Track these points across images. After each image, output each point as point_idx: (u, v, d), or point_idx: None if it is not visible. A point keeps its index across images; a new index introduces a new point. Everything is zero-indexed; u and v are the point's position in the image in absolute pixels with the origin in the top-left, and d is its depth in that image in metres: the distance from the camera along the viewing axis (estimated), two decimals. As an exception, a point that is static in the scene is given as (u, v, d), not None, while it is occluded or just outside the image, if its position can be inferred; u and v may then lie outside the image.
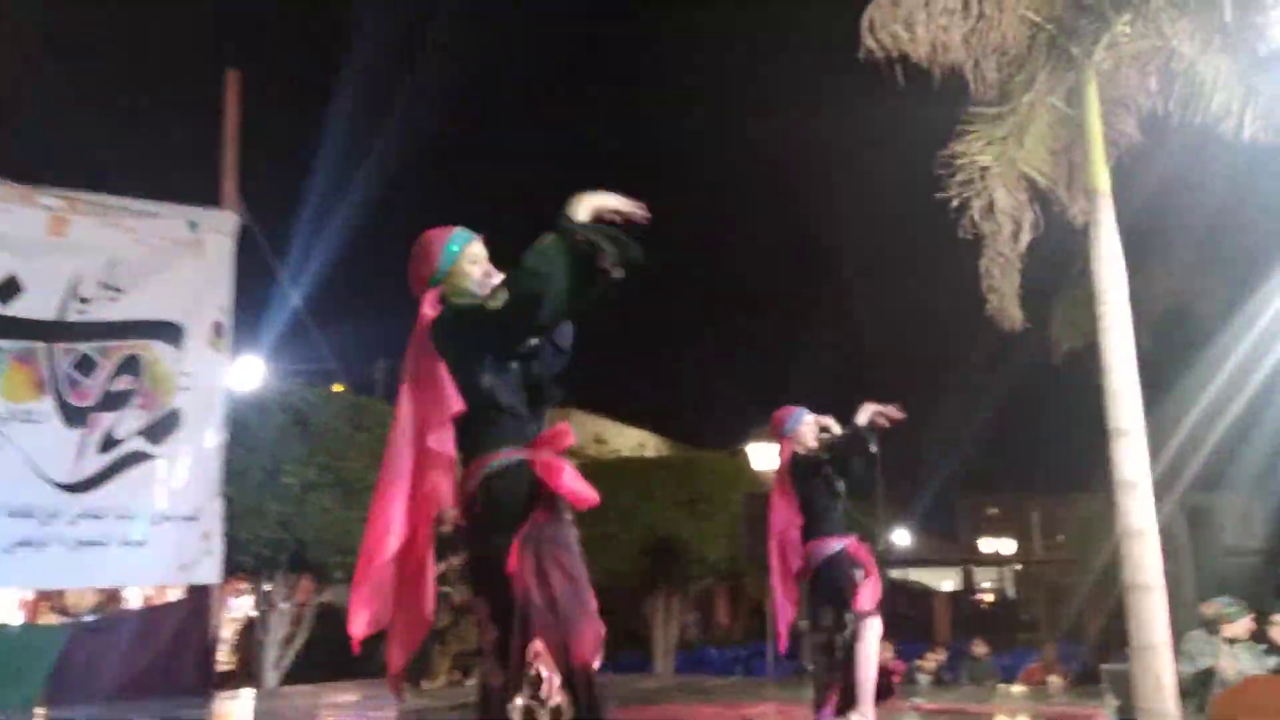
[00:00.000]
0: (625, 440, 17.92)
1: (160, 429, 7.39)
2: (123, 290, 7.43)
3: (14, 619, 8.30)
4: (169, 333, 7.62)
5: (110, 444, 7.13)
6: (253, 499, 7.56)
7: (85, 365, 7.20)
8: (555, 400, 2.65)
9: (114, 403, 7.24)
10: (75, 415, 7.05)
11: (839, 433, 5.02)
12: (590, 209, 2.48)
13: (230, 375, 8.10)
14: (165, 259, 7.68)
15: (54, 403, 7.01)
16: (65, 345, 7.14)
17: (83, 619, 7.77)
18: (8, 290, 6.93)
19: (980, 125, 6.76)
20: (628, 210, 2.55)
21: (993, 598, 27.46)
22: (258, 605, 8.38)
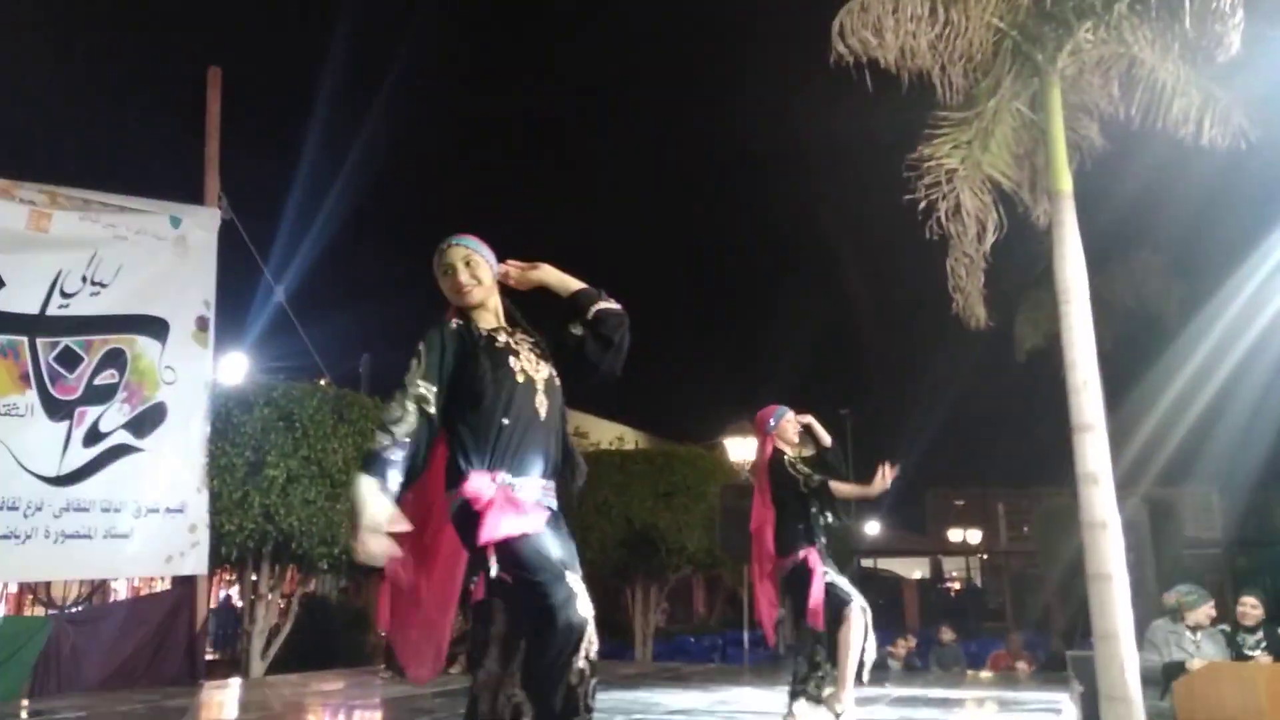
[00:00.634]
0: (604, 434, 18.06)
1: (145, 422, 7.47)
2: (105, 285, 7.49)
3: (-2, 611, 8.35)
4: (152, 327, 7.70)
5: (95, 437, 7.21)
6: (237, 491, 7.65)
7: (68, 359, 7.26)
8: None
9: (98, 396, 7.31)
10: (59, 408, 7.11)
11: (827, 444, 5.13)
12: None
13: (214, 369, 8.18)
14: (148, 254, 7.75)
15: (38, 396, 7.06)
16: (48, 339, 7.18)
17: (67, 611, 7.82)
18: (-11, 284, 6.97)
19: (947, 129, 6.94)
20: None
21: (960, 586, 27.90)
22: (243, 596, 8.46)
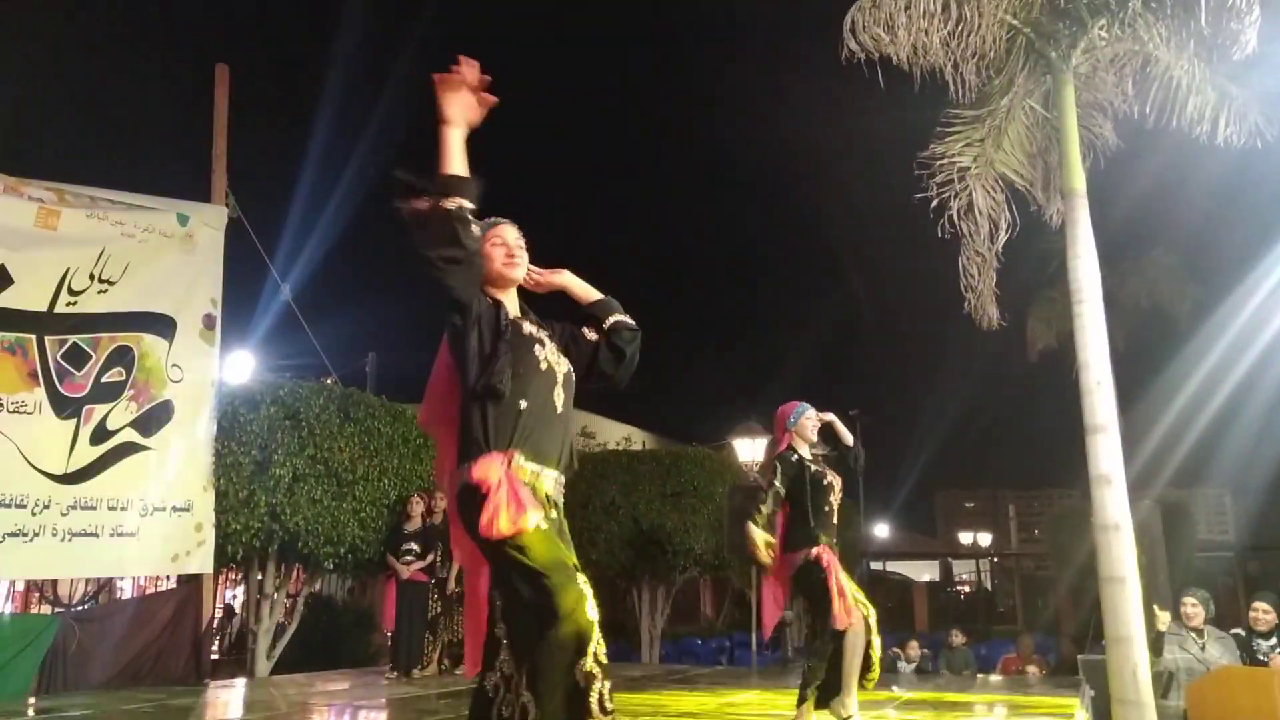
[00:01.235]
0: (612, 434, 18.01)
1: (152, 420, 7.46)
2: (113, 282, 7.48)
3: (6, 610, 8.34)
4: (160, 325, 7.69)
5: (102, 435, 7.20)
6: (244, 490, 7.63)
7: (76, 356, 7.25)
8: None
9: (105, 394, 7.30)
10: (67, 406, 7.10)
11: (848, 444, 5.09)
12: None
13: (221, 367, 8.17)
14: (156, 252, 7.74)
15: (46, 393, 7.05)
16: (56, 337, 7.18)
17: (74, 609, 7.81)
18: (-3, 281, 6.96)
19: (960, 127, 6.90)
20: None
21: (970, 589, 27.78)
22: (248, 595, 8.44)
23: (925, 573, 28.66)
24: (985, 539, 30.14)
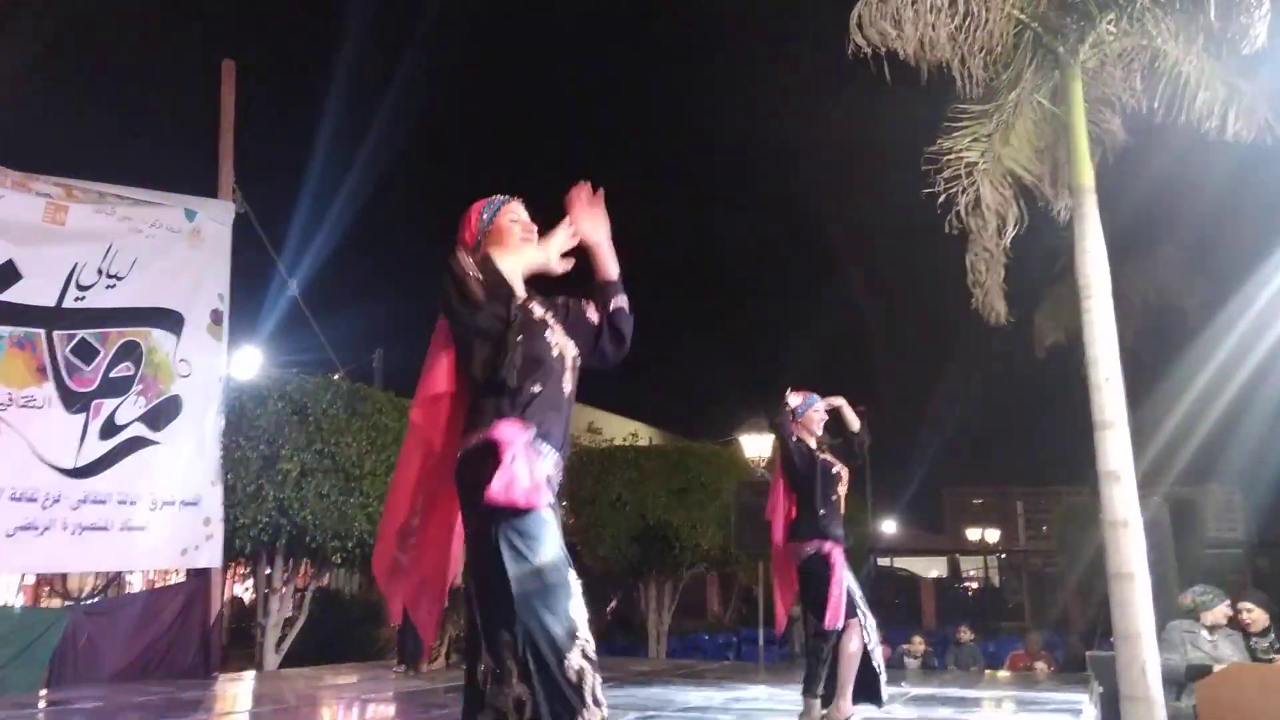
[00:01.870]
0: (618, 430, 18.00)
1: (160, 415, 7.50)
2: (121, 278, 7.52)
3: (16, 603, 8.39)
4: (167, 320, 7.72)
5: (111, 430, 7.23)
6: (252, 485, 7.66)
7: (84, 351, 7.28)
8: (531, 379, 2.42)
9: (114, 389, 7.34)
10: (76, 401, 7.14)
11: (854, 430, 5.07)
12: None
13: (228, 363, 8.20)
14: (163, 247, 7.78)
15: (55, 388, 7.09)
16: (64, 331, 7.21)
17: (84, 603, 7.86)
18: (6, 276, 6.98)
19: (967, 122, 6.87)
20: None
21: (978, 586, 27.73)
22: (257, 589, 8.48)
23: (933, 569, 28.64)
24: (993, 535, 30.08)
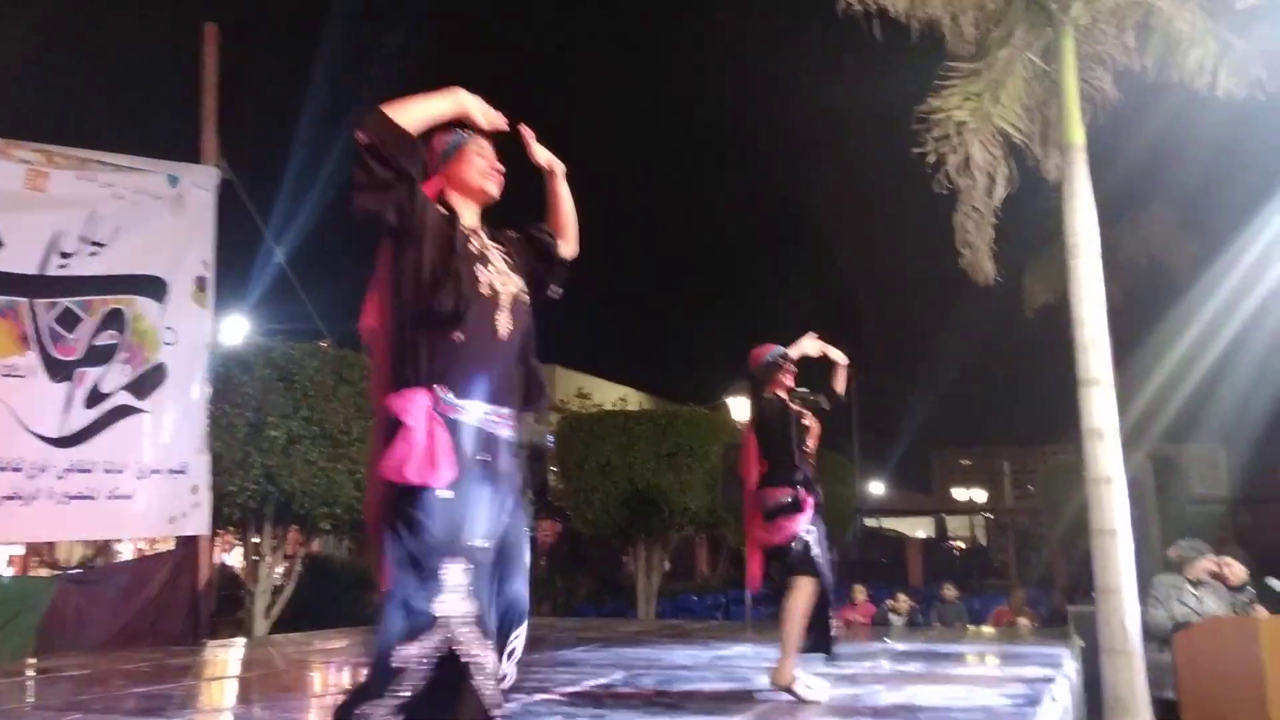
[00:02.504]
0: (607, 395, 18.04)
1: (146, 383, 7.45)
2: (104, 245, 7.43)
3: (5, 573, 8.39)
4: (152, 287, 7.65)
5: (96, 398, 7.19)
6: (239, 452, 7.64)
7: (68, 319, 7.22)
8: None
9: (99, 357, 7.28)
10: (60, 369, 7.09)
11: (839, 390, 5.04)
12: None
13: (215, 330, 8.14)
14: (146, 214, 7.68)
15: (38, 357, 7.03)
16: (47, 300, 7.14)
17: (71, 571, 7.86)
18: (-14, 244, 6.91)
19: (957, 80, 6.81)
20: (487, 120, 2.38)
21: (964, 545, 28.05)
22: (245, 556, 8.49)
23: (920, 529, 28.92)
24: (980, 495, 30.38)
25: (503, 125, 2.44)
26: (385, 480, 2.13)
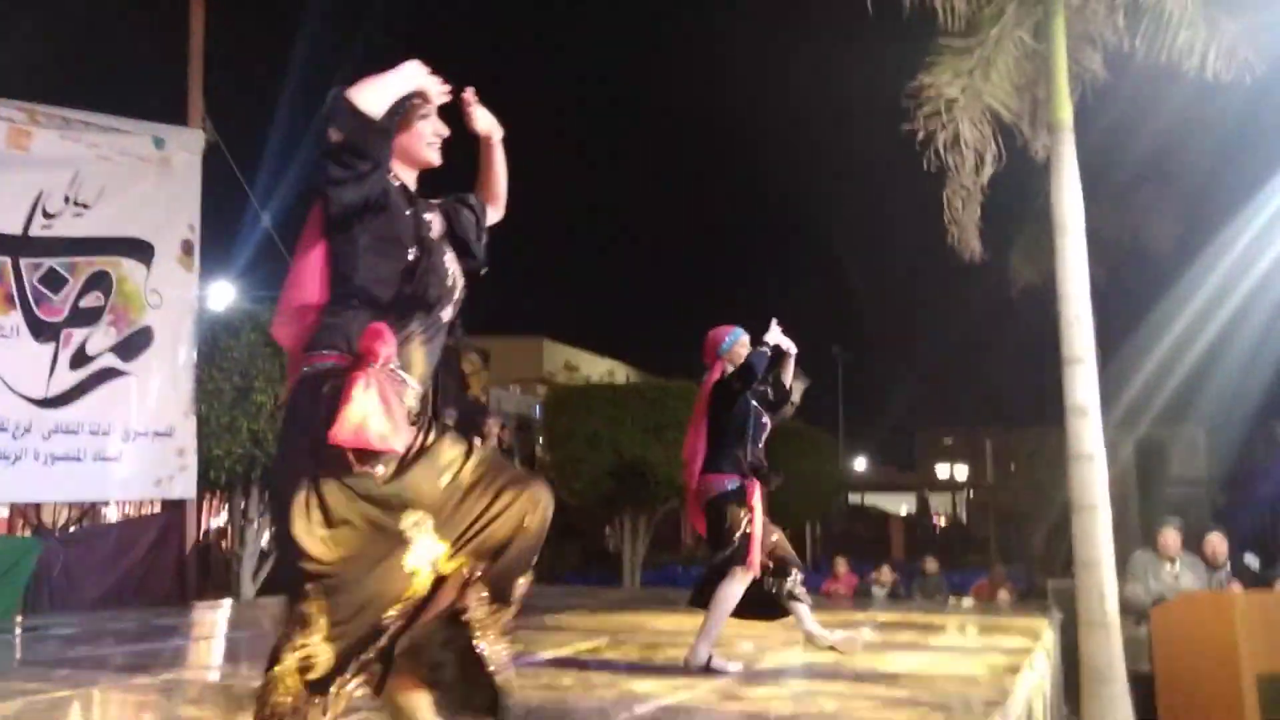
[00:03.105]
0: (596, 368, 18.08)
1: (132, 346, 7.43)
2: (89, 206, 7.39)
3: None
4: (137, 250, 7.61)
5: (82, 360, 7.17)
6: (225, 416, 7.64)
7: (53, 280, 7.19)
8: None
9: (84, 319, 7.26)
10: (45, 330, 7.07)
11: (785, 386, 4.82)
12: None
13: (201, 294, 8.12)
14: (131, 175, 7.63)
15: (22, 317, 7.01)
16: (32, 260, 7.11)
17: (59, 533, 7.87)
18: (-31, 203, 6.86)
19: (948, 58, 6.82)
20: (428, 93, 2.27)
21: (945, 521, 28.33)
22: (232, 520, 8.52)
23: (903, 505, 29.19)
24: (962, 473, 30.66)
25: (446, 96, 2.34)
26: (334, 445, 1.97)
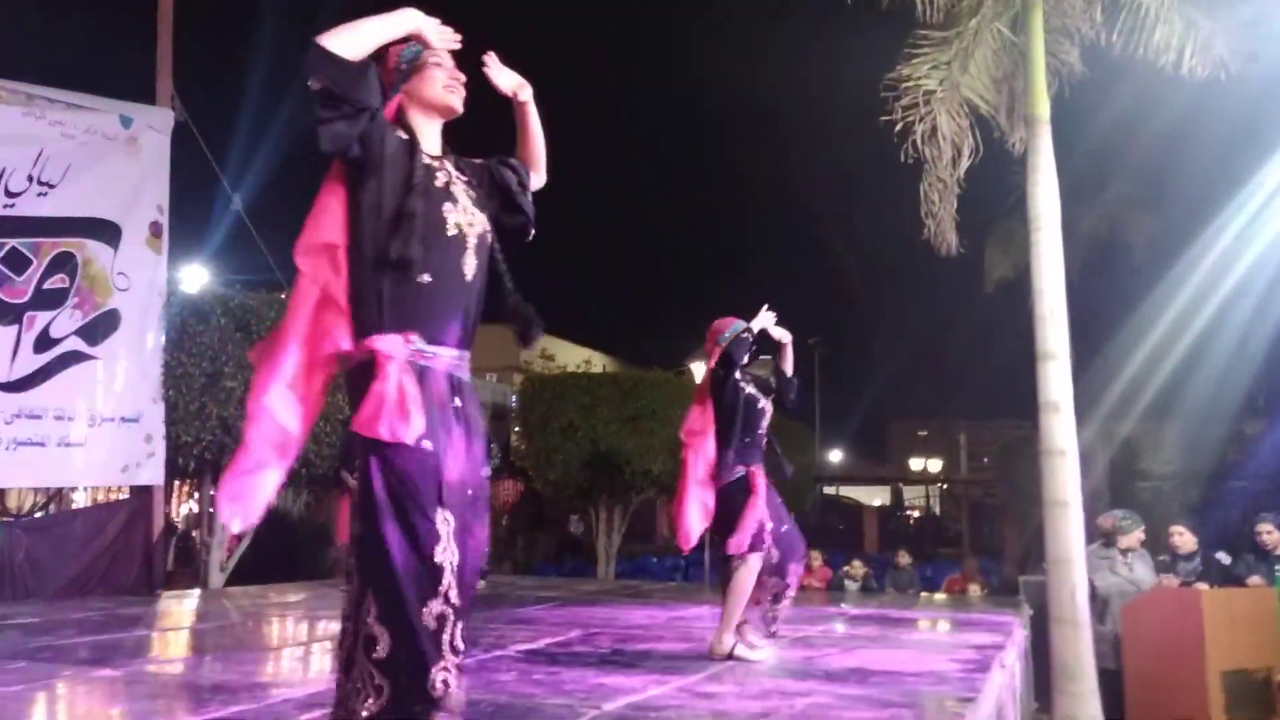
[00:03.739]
0: (571, 357, 17.97)
1: (98, 329, 7.29)
2: (53, 185, 7.23)
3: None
4: (104, 231, 7.46)
5: (47, 343, 7.03)
6: (195, 402, 7.52)
7: (16, 261, 7.04)
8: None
9: (48, 301, 7.11)
10: (8, 312, 6.92)
11: (787, 374, 4.90)
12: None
13: (171, 277, 7.98)
14: (98, 155, 7.47)
15: (-16, 299, 6.85)
16: (-6, 240, 6.95)
17: (23, 519, 7.73)
18: (-71, 180, 6.70)
19: (927, 49, 6.81)
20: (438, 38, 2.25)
21: (919, 514, 28.52)
22: (202, 507, 8.40)
23: (876, 498, 29.34)
24: (936, 466, 30.84)
25: (457, 43, 2.30)
26: (358, 434, 2.05)
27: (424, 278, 2.12)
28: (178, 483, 8.78)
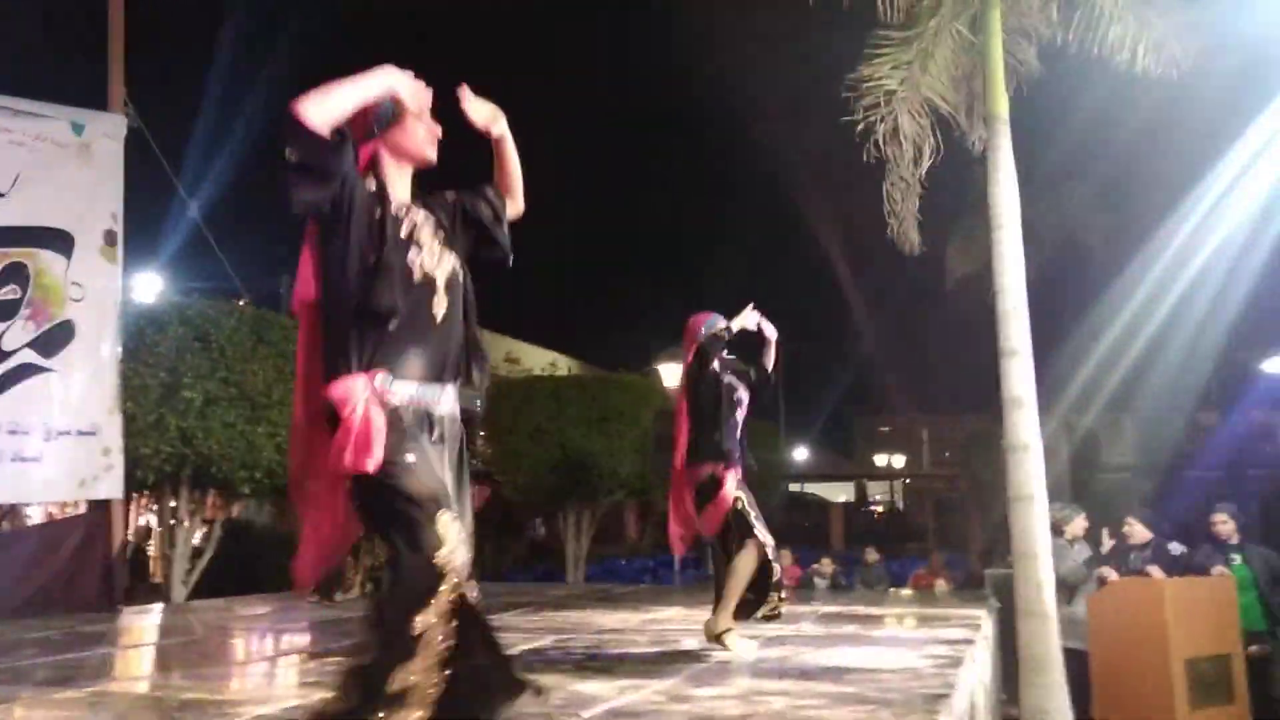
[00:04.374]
0: (537, 360, 17.93)
1: (52, 341, 7.11)
2: (2, 194, 7.05)
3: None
4: (56, 241, 7.28)
5: (-1, 356, 6.85)
6: (153, 414, 7.36)
7: (-36, 273, 6.84)
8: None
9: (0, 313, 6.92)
10: (-43, 326, 6.72)
11: (766, 369, 4.98)
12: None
13: (126, 287, 7.81)
14: (49, 162, 7.29)
15: (-68, 312, 6.66)
16: (-60, 252, 6.76)
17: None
18: None
19: (888, 49, 6.87)
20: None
21: (884, 509, 28.79)
22: (162, 521, 8.24)
23: (841, 494, 29.58)
24: (899, 461, 31.18)
25: (429, 103, 2.37)
26: (339, 469, 2.13)
27: (391, 324, 2.17)
28: (136, 495, 8.56)
